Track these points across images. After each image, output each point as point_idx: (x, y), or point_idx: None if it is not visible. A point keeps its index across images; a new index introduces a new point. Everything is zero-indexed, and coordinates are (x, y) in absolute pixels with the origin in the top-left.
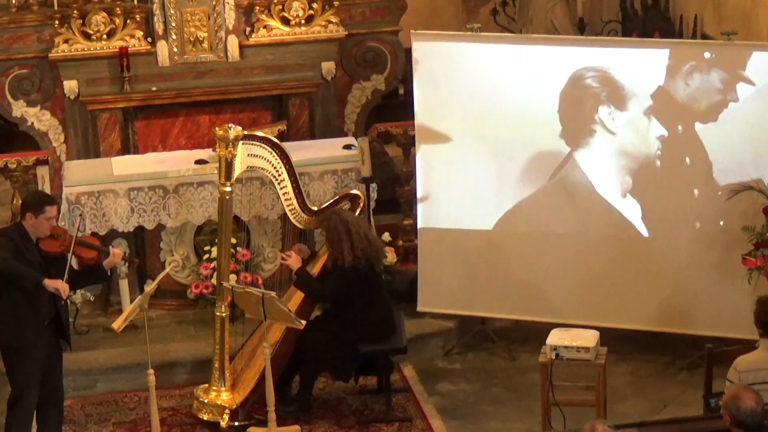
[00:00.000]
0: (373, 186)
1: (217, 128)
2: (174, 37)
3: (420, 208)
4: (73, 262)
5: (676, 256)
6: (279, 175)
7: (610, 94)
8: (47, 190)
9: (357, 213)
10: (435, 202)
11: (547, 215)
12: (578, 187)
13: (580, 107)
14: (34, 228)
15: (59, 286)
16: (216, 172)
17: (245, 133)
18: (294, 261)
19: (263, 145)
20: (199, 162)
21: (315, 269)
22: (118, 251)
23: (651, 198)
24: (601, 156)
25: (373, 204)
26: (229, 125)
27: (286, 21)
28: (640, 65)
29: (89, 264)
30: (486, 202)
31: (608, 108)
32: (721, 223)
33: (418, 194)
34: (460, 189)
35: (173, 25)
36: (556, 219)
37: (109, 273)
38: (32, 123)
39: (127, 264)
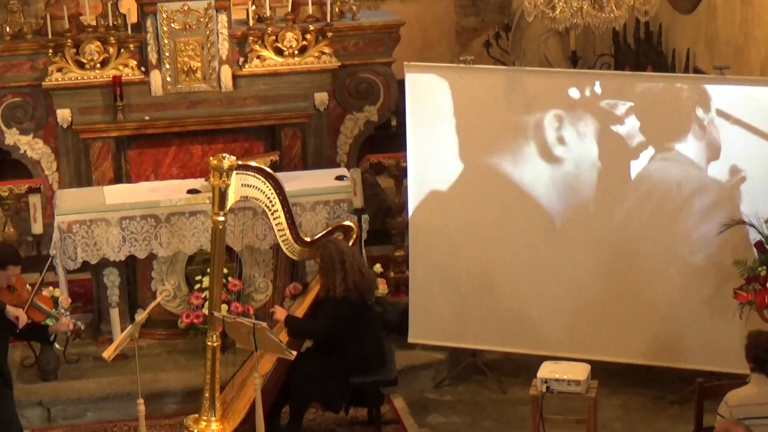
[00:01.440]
0: (365, 217)
1: (211, 158)
2: (167, 66)
3: (411, 239)
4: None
5: (668, 290)
6: (272, 206)
7: (602, 127)
8: (39, 218)
9: (350, 244)
10: (427, 233)
11: (538, 247)
12: (570, 220)
13: (572, 140)
14: None
15: (20, 315)
16: (208, 201)
17: (239, 162)
18: (279, 314)
19: (257, 175)
20: (191, 191)
21: (307, 300)
22: (65, 320)
23: (642, 231)
24: (592, 189)
25: (364, 235)
26: (223, 155)
27: (279, 51)
28: (634, 97)
29: (35, 323)
30: (478, 234)
31: (599, 140)
32: (712, 257)
33: (410, 226)
34: (452, 221)
35: (167, 54)
36: (547, 251)
37: (52, 338)
38: (25, 151)
39: (73, 335)
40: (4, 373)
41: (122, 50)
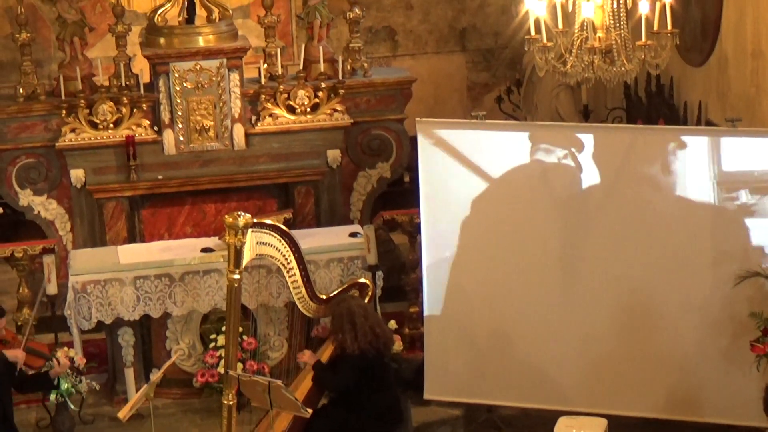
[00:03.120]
0: (379, 274)
1: (226, 216)
2: (180, 125)
3: (426, 295)
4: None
5: (684, 343)
6: (288, 264)
7: (614, 180)
8: (53, 278)
9: (365, 302)
10: (441, 289)
11: (554, 301)
12: (585, 273)
13: (585, 193)
14: None
15: (18, 356)
16: (222, 260)
17: (254, 221)
18: (308, 357)
19: (272, 232)
20: (205, 250)
21: (327, 353)
22: (65, 362)
23: (658, 284)
24: (606, 243)
25: (379, 292)
26: (239, 213)
27: (291, 109)
28: (647, 150)
29: (37, 371)
30: (492, 289)
31: (612, 194)
32: (728, 309)
33: (424, 282)
34: (467, 276)
35: (179, 113)
36: (561, 305)
37: (55, 382)
38: (39, 212)
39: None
40: (12, 427)
41: (135, 110)
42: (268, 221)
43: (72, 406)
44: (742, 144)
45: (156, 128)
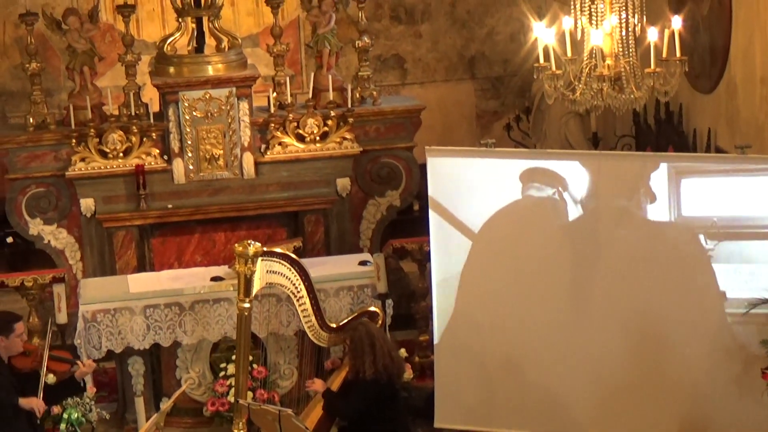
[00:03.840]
0: (389, 302)
1: (236, 244)
2: (190, 154)
3: (436, 323)
4: (49, 378)
5: (695, 370)
6: (298, 292)
7: (625, 207)
8: (63, 307)
9: None
10: (451, 318)
11: (564, 328)
12: (595, 300)
13: (597, 221)
14: (6, 349)
15: (34, 404)
16: (232, 288)
17: (264, 249)
18: (318, 385)
19: (282, 261)
20: (215, 279)
21: (337, 381)
22: (89, 362)
23: (669, 311)
24: (616, 268)
25: (389, 320)
26: (249, 241)
27: (301, 138)
28: (655, 177)
29: (63, 377)
30: (503, 316)
31: (622, 220)
32: (739, 336)
33: (434, 310)
34: (477, 304)
35: (189, 142)
36: (572, 332)
37: (82, 384)
38: (49, 241)
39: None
40: None
41: (145, 139)
42: (277, 250)
43: None
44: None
45: (166, 157)
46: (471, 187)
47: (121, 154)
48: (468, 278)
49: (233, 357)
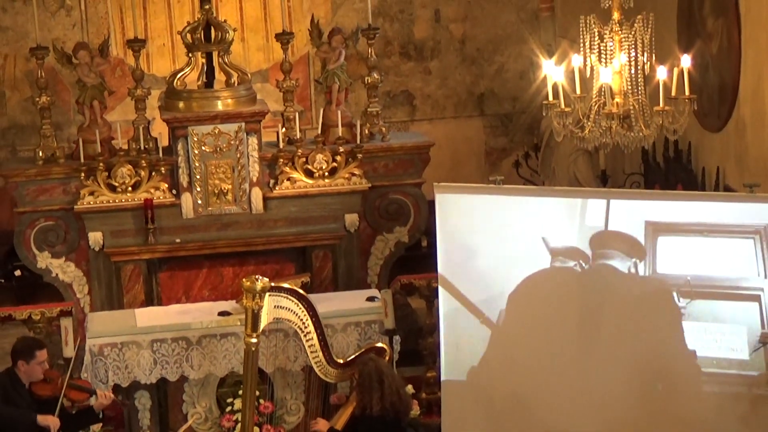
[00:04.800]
0: (397, 338)
1: (244, 279)
2: (198, 189)
3: (443, 360)
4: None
5: (702, 408)
6: (305, 328)
7: (633, 246)
8: (71, 341)
9: None
10: (458, 354)
11: (570, 364)
12: (603, 338)
13: (603, 257)
14: (27, 374)
15: (50, 422)
16: (239, 323)
17: (272, 284)
18: (322, 426)
19: (290, 296)
20: (222, 314)
21: (344, 417)
22: (108, 393)
23: (676, 350)
24: (623, 306)
25: (396, 356)
26: (256, 277)
27: (309, 173)
28: (664, 215)
29: (81, 406)
30: (510, 352)
31: (634, 262)
32: (746, 373)
33: (442, 346)
34: (484, 340)
35: (198, 177)
36: (579, 368)
37: (100, 415)
38: (57, 274)
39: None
40: None
41: (153, 173)
42: (285, 285)
43: None
44: (763, 209)
45: (174, 191)
46: (479, 224)
47: (130, 188)
48: (476, 314)
49: (240, 392)
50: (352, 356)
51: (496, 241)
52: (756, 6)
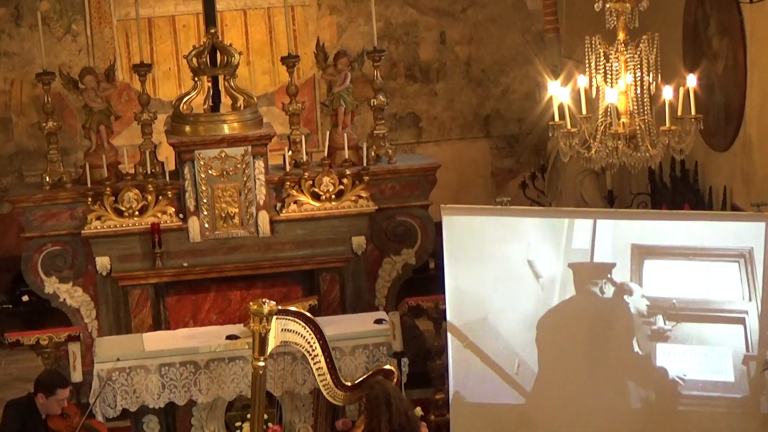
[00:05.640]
0: (405, 360)
1: (251, 303)
2: (205, 213)
3: (452, 382)
4: None
5: (713, 428)
6: (313, 351)
7: (639, 267)
8: (78, 366)
9: None
10: (466, 376)
11: (579, 385)
12: (611, 357)
13: (612, 278)
14: (44, 407)
15: None
16: (247, 347)
17: (279, 308)
18: None
19: (297, 320)
20: (230, 337)
21: None
22: None
23: (686, 368)
24: (631, 328)
25: (404, 378)
26: (263, 300)
27: (316, 196)
28: (671, 236)
29: None
30: (519, 376)
31: (638, 279)
32: (758, 394)
33: (450, 368)
34: (492, 362)
35: (204, 201)
36: (587, 389)
37: None
38: (64, 299)
39: None
40: None
41: (160, 197)
42: (292, 308)
43: None
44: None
45: (181, 215)
46: (486, 246)
47: (137, 213)
48: (483, 337)
49: (248, 415)
50: (360, 379)
51: (502, 262)
52: (761, 26)
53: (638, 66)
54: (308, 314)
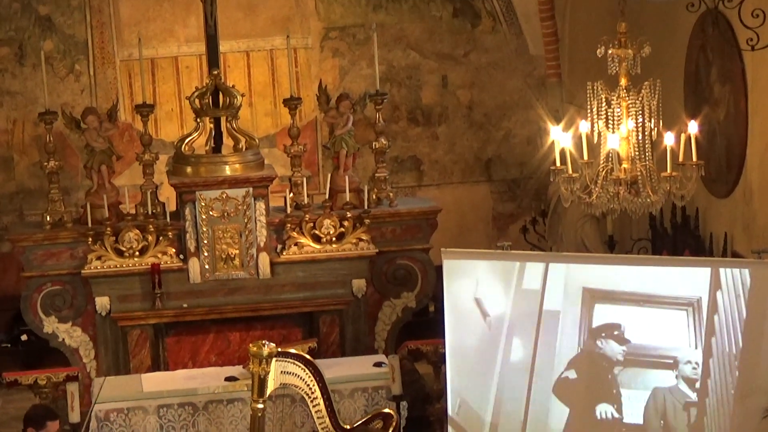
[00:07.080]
0: (404, 404)
1: (250, 345)
2: (206, 254)
3: (450, 426)
4: None
5: None
6: (312, 393)
7: (641, 309)
8: (77, 406)
9: None
10: (466, 420)
11: (582, 417)
12: (614, 396)
13: (612, 323)
14: None
15: None
16: (246, 389)
17: (279, 350)
18: None
19: (296, 362)
20: (229, 379)
21: None
22: None
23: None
24: (636, 371)
25: (403, 422)
26: (263, 342)
27: (317, 238)
28: (674, 282)
29: None
30: (518, 419)
31: (642, 325)
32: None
33: (449, 412)
34: (492, 406)
35: (205, 242)
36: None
37: None
38: (63, 339)
39: None
40: None
41: (161, 238)
42: (292, 350)
43: None
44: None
45: (181, 256)
46: (486, 290)
47: (137, 253)
48: (483, 381)
49: None
50: (359, 422)
51: (503, 306)
52: (763, 74)
53: (640, 112)
54: (308, 357)
